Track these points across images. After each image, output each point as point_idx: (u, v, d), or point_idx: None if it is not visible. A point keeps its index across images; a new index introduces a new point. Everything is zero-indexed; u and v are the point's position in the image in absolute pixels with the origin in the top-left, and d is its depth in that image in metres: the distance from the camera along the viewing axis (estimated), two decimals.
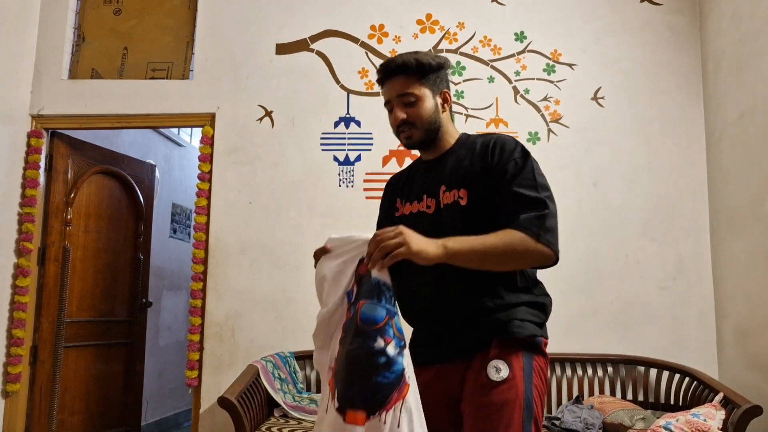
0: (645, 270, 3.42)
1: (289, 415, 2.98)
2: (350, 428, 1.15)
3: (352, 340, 1.22)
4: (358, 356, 1.20)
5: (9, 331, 3.44)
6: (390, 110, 1.53)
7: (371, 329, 1.20)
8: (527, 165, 1.42)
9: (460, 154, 1.51)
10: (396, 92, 1.50)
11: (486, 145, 1.47)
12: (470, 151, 1.49)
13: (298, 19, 3.72)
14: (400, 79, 1.50)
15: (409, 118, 1.49)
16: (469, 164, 1.46)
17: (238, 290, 3.50)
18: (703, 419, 2.51)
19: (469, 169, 1.46)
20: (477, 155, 1.47)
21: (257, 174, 3.61)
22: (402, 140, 1.53)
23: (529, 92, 3.61)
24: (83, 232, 3.87)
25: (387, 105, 1.54)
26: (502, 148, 1.45)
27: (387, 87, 1.53)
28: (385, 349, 1.18)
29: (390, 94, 1.52)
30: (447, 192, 1.46)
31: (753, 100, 2.98)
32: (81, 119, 3.71)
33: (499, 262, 1.33)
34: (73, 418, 3.71)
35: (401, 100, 1.50)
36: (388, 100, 1.53)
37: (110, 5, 3.88)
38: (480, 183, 1.43)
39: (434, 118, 1.51)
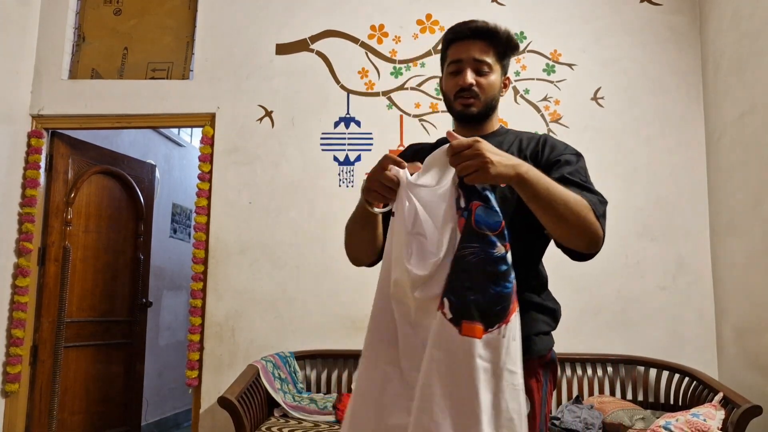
0: (645, 270, 3.42)
1: (289, 415, 2.99)
2: (468, 341, 1.03)
3: (464, 246, 1.07)
4: (476, 263, 1.06)
5: (9, 330, 3.44)
6: (455, 71, 1.41)
7: (489, 234, 1.07)
8: (581, 162, 1.40)
9: (502, 140, 1.43)
10: (474, 55, 1.40)
11: (536, 140, 1.43)
12: (516, 141, 1.43)
13: (298, 19, 3.73)
14: (482, 43, 1.41)
15: (476, 87, 1.40)
16: (517, 152, 1.39)
17: (238, 290, 3.50)
18: (702, 419, 2.51)
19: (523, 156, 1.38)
20: (526, 146, 1.42)
21: (257, 174, 3.61)
22: (458, 106, 1.41)
23: (529, 92, 3.61)
24: (83, 232, 3.87)
25: (453, 65, 1.42)
26: (555, 144, 1.42)
27: (462, 46, 1.41)
28: (505, 256, 1.07)
29: (465, 53, 1.40)
30: None
31: (753, 100, 2.98)
32: (81, 119, 3.71)
33: (562, 214, 1.19)
34: (73, 418, 3.71)
35: (476, 65, 1.40)
36: (459, 59, 1.41)
37: (110, 5, 3.89)
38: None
39: (496, 96, 1.44)
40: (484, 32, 1.41)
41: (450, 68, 1.43)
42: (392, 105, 3.64)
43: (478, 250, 1.06)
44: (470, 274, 1.06)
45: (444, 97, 1.48)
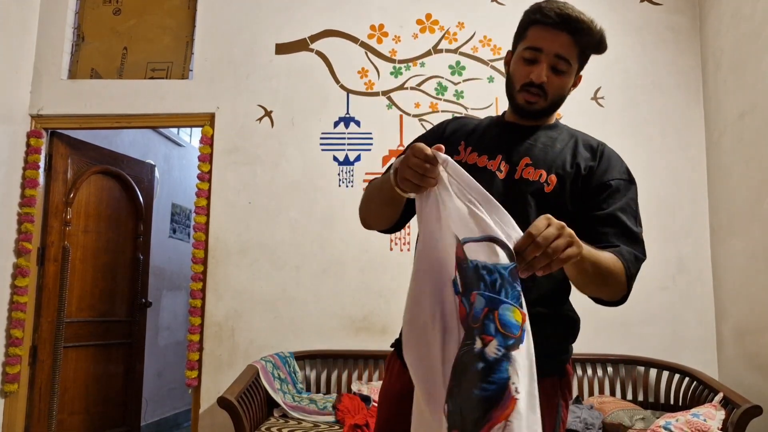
0: (645, 270, 3.38)
1: (288, 415, 2.98)
2: None
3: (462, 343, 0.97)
4: (463, 362, 0.95)
5: (8, 331, 3.44)
6: (531, 59, 1.28)
7: (473, 326, 0.94)
8: (632, 191, 1.32)
9: (554, 136, 1.34)
10: (556, 49, 1.26)
11: (593, 147, 1.35)
12: (571, 141, 1.34)
13: (297, 19, 3.72)
14: (568, 38, 1.27)
15: (547, 85, 1.27)
16: (570, 157, 1.31)
17: (238, 290, 3.50)
18: (702, 419, 2.51)
19: (567, 161, 1.30)
20: (580, 151, 1.32)
21: (257, 174, 3.61)
22: (520, 99, 1.30)
23: None
24: (83, 232, 3.86)
25: (530, 51, 1.27)
26: (611, 159, 1.33)
27: (547, 33, 1.26)
28: (483, 351, 0.91)
29: (547, 44, 1.26)
30: (532, 168, 1.28)
31: (753, 100, 2.98)
32: (80, 119, 3.71)
33: (600, 284, 1.17)
34: (73, 418, 3.71)
35: (555, 62, 1.27)
36: (539, 48, 1.26)
37: (110, 5, 3.88)
38: (575, 181, 1.28)
39: (565, 96, 1.33)
40: (576, 26, 1.27)
41: (526, 53, 1.28)
42: (392, 105, 3.64)
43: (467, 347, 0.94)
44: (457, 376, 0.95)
45: (507, 78, 1.35)
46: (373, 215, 1.37)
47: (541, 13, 1.27)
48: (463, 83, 3.63)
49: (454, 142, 1.35)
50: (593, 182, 1.29)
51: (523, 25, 1.32)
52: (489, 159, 1.31)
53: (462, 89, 3.62)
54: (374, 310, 3.45)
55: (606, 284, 1.18)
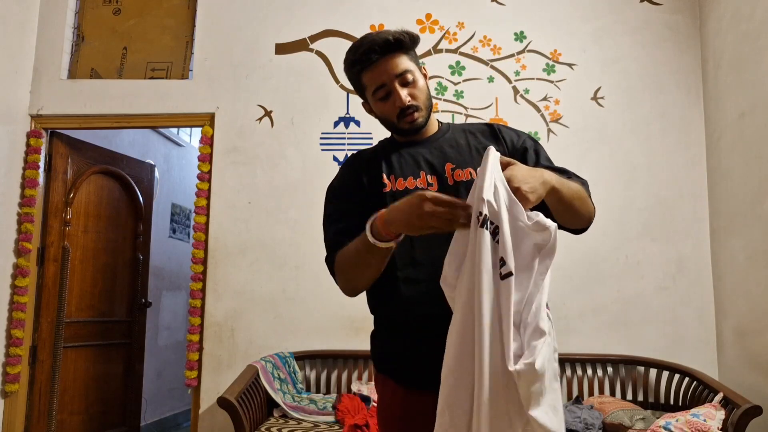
0: (645, 270, 3.42)
1: (288, 415, 2.98)
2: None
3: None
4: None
5: (8, 331, 3.44)
6: (384, 96, 1.35)
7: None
8: (541, 147, 1.42)
9: (454, 137, 1.42)
10: (394, 72, 1.33)
11: (489, 130, 1.43)
12: (468, 136, 1.42)
13: (297, 19, 3.72)
14: (394, 56, 1.33)
15: (413, 100, 1.34)
16: (483, 143, 1.38)
17: (238, 290, 3.49)
18: (702, 419, 2.51)
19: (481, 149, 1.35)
20: (482, 140, 1.40)
21: (257, 174, 3.61)
22: (405, 125, 1.37)
23: (529, 92, 3.61)
24: (82, 232, 3.86)
25: (379, 91, 1.35)
26: (510, 131, 1.43)
27: (377, 69, 1.33)
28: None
29: (385, 75, 1.33)
30: (459, 170, 1.35)
31: (753, 100, 2.98)
32: (80, 119, 3.71)
33: (577, 208, 1.27)
34: (73, 418, 3.71)
35: (401, 80, 1.34)
36: (382, 84, 1.34)
37: (109, 5, 3.88)
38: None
39: (429, 95, 1.40)
40: (391, 46, 1.33)
41: (377, 95, 1.35)
42: None
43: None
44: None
45: (383, 122, 1.42)
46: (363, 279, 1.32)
47: (359, 62, 1.34)
48: (463, 83, 3.63)
49: (377, 177, 1.38)
50: (509, 154, 1.36)
51: (355, 80, 1.39)
52: (415, 179, 1.36)
53: (462, 89, 3.62)
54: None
55: (582, 205, 1.29)
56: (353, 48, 1.36)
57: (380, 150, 1.45)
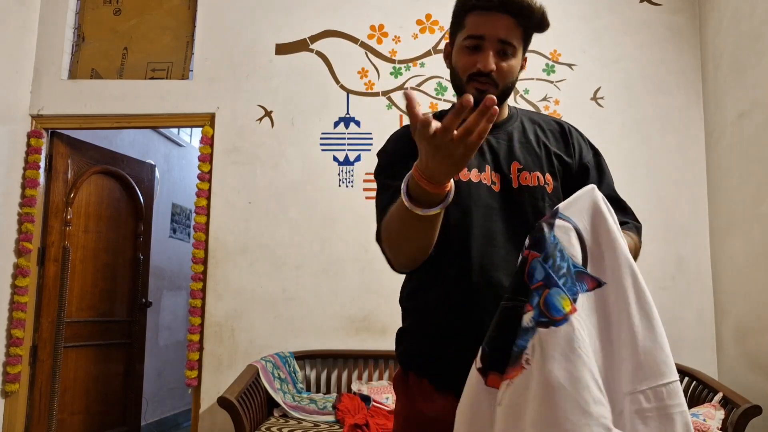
0: (645, 270, 3.39)
1: (288, 415, 2.98)
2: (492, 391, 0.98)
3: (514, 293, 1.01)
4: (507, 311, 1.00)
5: (8, 331, 3.44)
6: (474, 47, 1.18)
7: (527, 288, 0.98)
8: (605, 166, 1.33)
9: (521, 129, 1.29)
10: (500, 34, 1.17)
11: (563, 130, 1.32)
12: (537, 130, 1.30)
13: (297, 19, 3.72)
14: (510, 20, 1.17)
15: (496, 73, 1.18)
16: (554, 147, 1.28)
17: (238, 290, 3.50)
18: (702, 419, 2.51)
19: (552, 152, 1.27)
20: (552, 140, 1.29)
21: (257, 174, 3.61)
22: (471, 90, 1.18)
23: (529, 92, 3.61)
24: (83, 232, 3.87)
25: (472, 39, 1.18)
26: (580, 136, 1.32)
27: (487, 19, 1.17)
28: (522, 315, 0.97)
29: (490, 30, 1.16)
30: (526, 172, 1.23)
31: (753, 100, 2.98)
32: (81, 119, 3.71)
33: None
34: (73, 418, 3.71)
35: (499, 47, 1.18)
36: (481, 36, 1.17)
37: (110, 5, 3.88)
38: (565, 170, 1.27)
39: (515, 81, 1.24)
40: (516, 8, 1.17)
41: (467, 42, 1.19)
42: (392, 105, 3.64)
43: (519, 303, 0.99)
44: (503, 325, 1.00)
45: (452, 72, 1.25)
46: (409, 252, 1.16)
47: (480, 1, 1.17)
48: None
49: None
50: (576, 167, 1.29)
51: (458, 14, 1.22)
52: (479, 172, 1.22)
53: None
54: (374, 310, 3.45)
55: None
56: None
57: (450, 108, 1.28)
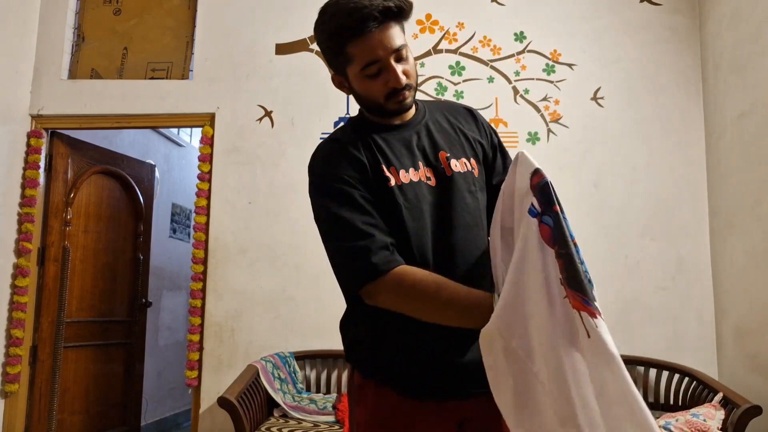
0: (645, 270, 3.42)
1: (288, 415, 2.98)
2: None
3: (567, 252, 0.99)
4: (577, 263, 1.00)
5: (8, 331, 3.44)
6: (375, 73, 1.15)
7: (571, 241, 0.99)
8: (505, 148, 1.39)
9: (436, 120, 1.27)
10: (391, 46, 1.13)
11: (472, 113, 1.34)
12: (448, 117, 1.30)
13: (297, 19, 3.72)
14: (390, 27, 1.13)
15: (407, 78, 1.16)
16: (469, 132, 1.29)
17: (238, 290, 3.50)
18: (702, 419, 2.51)
19: (470, 137, 1.28)
20: (466, 120, 1.31)
21: (257, 174, 3.61)
22: (394, 106, 1.18)
23: (529, 92, 3.61)
24: (83, 232, 3.87)
25: (371, 66, 1.14)
26: (483, 118, 1.35)
27: (372, 39, 1.12)
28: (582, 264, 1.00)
29: (381, 48, 1.13)
30: (454, 160, 1.22)
31: (753, 100, 2.98)
32: (81, 119, 3.71)
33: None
34: (73, 418, 3.71)
35: (397, 56, 1.15)
36: (376, 59, 1.13)
37: (110, 5, 3.88)
38: (485, 154, 1.29)
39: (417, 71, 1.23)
40: (390, 14, 1.12)
41: (368, 71, 1.15)
42: None
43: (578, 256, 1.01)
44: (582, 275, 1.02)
45: (362, 101, 1.23)
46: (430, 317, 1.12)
47: (351, 30, 1.12)
48: (463, 83, 3.63)
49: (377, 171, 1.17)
50: (489, 148, 1.31)
51: (336, 49, 1.17)
52: (415, 170, 1.19)
53: (462, 89, 3.62)
54: None
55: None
56: (343, 10, 1.12)
57: (361, 134, 1.23)
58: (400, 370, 1.17)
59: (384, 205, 1.14)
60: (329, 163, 1.22)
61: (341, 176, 1.17)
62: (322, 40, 1.21)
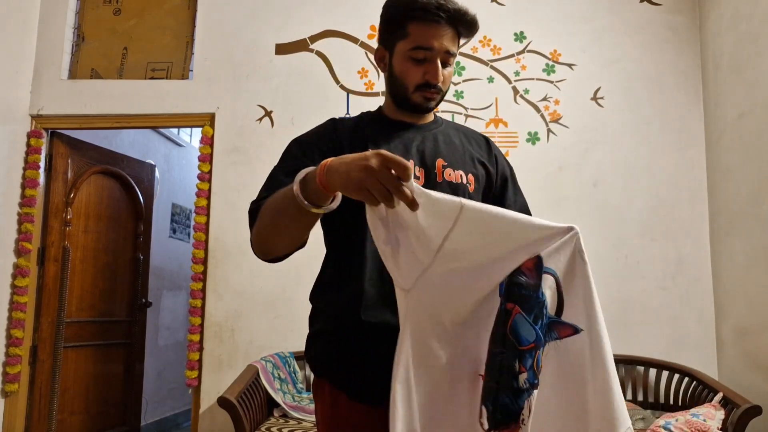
0: (645, 270, 3.42)
1: (288, 415, 2.98)
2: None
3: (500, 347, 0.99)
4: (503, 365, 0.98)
5: (8, 331, 3.44)
6: (422, 59, 1.21)
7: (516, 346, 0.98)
8: (516, 179, 1.39)
9: (447, 133, 1.33)
10: (447, 46, 1.21)
11: (488, 143, 1.38)
12: (461, 137, 1.34)
13: (297, 19, 3.72)
14: (452, 31, 1.22)
15: (441, 82, 1.23)
16: (477, 153, 1.32)
17: (238, 290, 3.50)
18: (702, 419, 2.51)
19: (476, 158, 1.31)
20: (476, 147, 1.34)
21: (257, 174, 3.60)
22: (417, 98, 1.25)
23: (529, 92, 3.61)
24: (83, 232, 3.87)
25: (420, 51, 1.20)
26: (498, 150, 1.38)
27: (434, 30, 1.19)
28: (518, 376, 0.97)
29: (438, 42, 1.20)
30: (450, 169, 1.26)
31: (753, 100, 2.98)
32: (81, 119, 3.71)
33: None
34: (73, 418, 3.71)
35: (445, 58, 1.22)
36: (430, 47, 1.20)
37: (110, 5, 3.88)
38: (487, 178, 1.32)
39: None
40: (462, 21, 1.21)
41: (415, 53, 1.21)
42: None
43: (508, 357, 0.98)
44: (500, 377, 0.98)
45: (393, 83, 1.28)
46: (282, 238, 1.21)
47: (424, 9, 1.18)
48: (463, 83, 3.63)
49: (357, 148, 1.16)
50: (496, 177, 1.33)
51: (400, 20, 1.22)
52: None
53: (462, 89, 3.62)
54: None
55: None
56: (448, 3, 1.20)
57: (365, 124, 1.32)
58: (349, 375, 1.19)
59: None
60: (310, 134, 1.37)
61: (311, 147, 1.31)
62: (388, 8, 1.26)
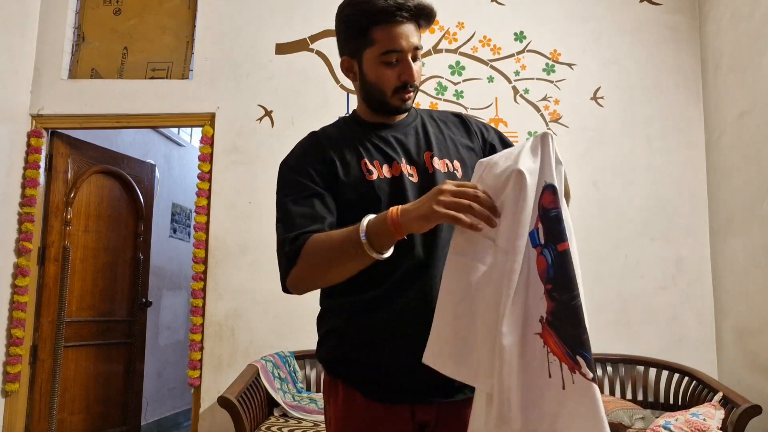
0: (645, 270, 3.42)
1: (289, 414, 2.99)
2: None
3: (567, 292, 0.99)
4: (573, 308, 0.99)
5: (8, 330, 3.44)
6: (392, 63, 1.20)
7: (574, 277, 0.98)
8: (506, 138, 1.37)
9: (424, 123, 1.31)
10: (414, 43, 1.19)
11: (462, 120, 1.36)
12: (441, 123, 1.33)
13: (297, 19, 3.72)
14: (414, 25, 1.20)
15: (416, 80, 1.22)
16: (457, 137, 1.31)
17: (238, 290, 3.50)
18: (702, 419, 2.51)
19: (460, 143, 1.30)
20: (456, 128, 1.33)
21: (257, 174, 3.61)
22: (396, 101, 1.23)
23: (529, 92, 3.61)
24: (83, 232, 3.87)
25: (390, 54, 1.18)
26: (479, 122, 1.36)
27: (398, 30, 1.17)
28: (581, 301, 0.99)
29: (405, 41, 1.18)
30: (437, 159, 1.25)
31: (752, 100, 2.98)
32: (81, 119, 3.71)
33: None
34: (73, 418, 3.71)
35: (414, 54, 1.20)
36: (398, 49, 1.18)
37: (110, 5, 3.88)
38: (471, 157, 1.30)
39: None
40: (425, 15, 1.20)
41: (386, 58, 1.19)
42: None
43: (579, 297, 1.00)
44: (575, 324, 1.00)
45: (368, 90, 1.25)
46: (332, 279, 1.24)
47: (385, 12, 1.16)
48: (463, 83, 3.63)
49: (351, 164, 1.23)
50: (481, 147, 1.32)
51: (360, 28, 1.20)
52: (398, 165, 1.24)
53: (462, 89, 3.63)
54: None
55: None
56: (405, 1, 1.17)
57: (347, 131, 1.30)
58: (364, 375, 1.20)
59: (365, 199, 1.18)
60: (298, 155, 1.34)
61: (305, 168, 1.29)
62: (346, 17, 1.23)
